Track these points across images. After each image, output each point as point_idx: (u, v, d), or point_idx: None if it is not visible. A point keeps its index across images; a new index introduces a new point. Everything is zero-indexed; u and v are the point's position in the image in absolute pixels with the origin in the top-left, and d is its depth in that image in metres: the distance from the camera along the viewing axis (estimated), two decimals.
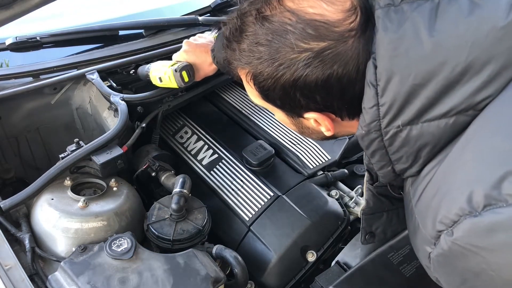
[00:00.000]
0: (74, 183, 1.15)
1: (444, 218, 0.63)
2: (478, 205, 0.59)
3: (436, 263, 0.67)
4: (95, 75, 1.39)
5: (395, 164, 0.75)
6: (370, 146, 0.75)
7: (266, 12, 0.73)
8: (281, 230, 1.15)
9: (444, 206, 0.64)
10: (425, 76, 0.67)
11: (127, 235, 1.01)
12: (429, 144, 0.70)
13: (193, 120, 1.49)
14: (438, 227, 0.64)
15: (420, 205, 0.71)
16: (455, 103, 0.67)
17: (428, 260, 0.69)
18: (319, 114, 0.78)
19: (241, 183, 1.26)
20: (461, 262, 0.64)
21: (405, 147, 0.71)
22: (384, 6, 0.69)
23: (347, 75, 0.71)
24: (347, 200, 1.24)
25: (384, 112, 0.70)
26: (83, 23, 1.68)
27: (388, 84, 0.68)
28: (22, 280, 0.91)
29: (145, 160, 1.29)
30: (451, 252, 0.63)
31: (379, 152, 0.75)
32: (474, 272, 0.63)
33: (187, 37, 1.58)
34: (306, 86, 0.72)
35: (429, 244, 0.67)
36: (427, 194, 0.70)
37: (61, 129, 1.47)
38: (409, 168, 0.74)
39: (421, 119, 0.69)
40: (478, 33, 0.65)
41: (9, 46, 1.47)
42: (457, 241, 0.62)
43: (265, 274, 1.12)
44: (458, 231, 0.61)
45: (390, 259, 1.06)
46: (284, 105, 0.80)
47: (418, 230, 0.71)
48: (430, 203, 0.68)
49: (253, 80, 0.77)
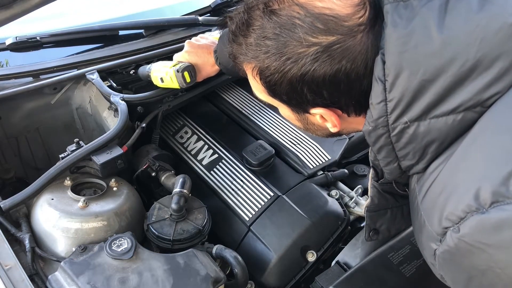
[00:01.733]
0: (74, 183, 1.15)
1: (450, 214, 0.63)
2: (485, 202, 0.59)
3: (441, 260, 0.67)
4: (95, 75, 1.39)
5: (402, 161, 0.75)
6: (377, 142, 0.74)
7: (274, 6, 0.72)
8: (281, 230, 1.15)
9: (451, 203, 0.64)
10: (434, 72, 0.66)
11: (127, 235, 1.01)
12: (436, 141, 0.69)
13: (193, 120, 1.49)
14: (444, 223, 0.64)
15: (426, 202, 0.71)
16: (464, 100, 0.66)
17: (434, 257, 0.68)
18: (325, 109, 0.77)
19: (241, 183, 1.26)
20: (468, 259, 0.63)
21: (412, 143, 0.71)
22: (393, 1, 0.69)
23: (355, 71, 0.71)
24: (347, 200, 1.24)
25: (392, 107, 0.69)
26: (83, 23, 1.68)
27: (397, 80, 0.68)
28: (22, 280, 0.91)
29: (145, 160, 1.29)
30: (458, 249, 0.63)
31: (386, 148, 0.74)
32: (481, 269, 0.62)
33: (187, 37, 1.59)
34: (313, 81, 0.72)
35: (435, 241, 0.67)
36: (433, 191, 0.70)
37: (61, 129, 1.47)
38: (415, 164, 0.73)
39: (429, 115, 0.68)
40: (488, 29, 0.65)
41: (9, 46, 1.47)
42: (464, 238, 0.61)
43: (265, 274, 1.12)
44: (464, 228, 0.61)
45: (390, 259, 1.06)
46: (290, 100, 0.79)
47: (424, 227, 0.70)
48: (436, 200, 0.67)
49: (260, 75, 0.76)
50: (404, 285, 1.03)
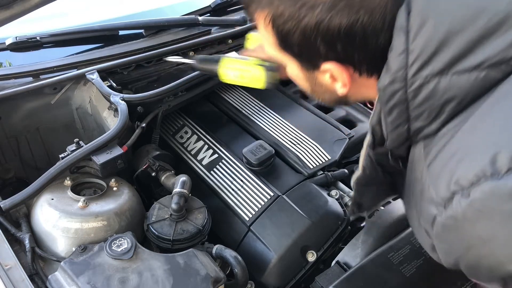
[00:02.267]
0: (74, 183, 1.15)
1: (461, 178, 0.61)
2: (502, 167, 0.57)
3: (440, 228, 0.65)
4: (95, 75, 1.39)
5: (413, 122, 0.71)
6: (391, 100, 0.70)
7: None
8: (281, 230, 1.15)
9: (463, 167, 0.61)
10: (460, 23, 0.64)
11: (127, 235, 1.01)
12: (455, 99, 0.66)
13: (193, 120, 1.49)
14: (453, 187, 0.61)
15: (434, 166, 0.68)
16: (489, 55, 0.63)
17: (431, 224, 0.66)
18: (337, 64, 0.75)
19: (241, 183, 1.26)
20: (472, 227, 0.61)
21: (430, 100, 0.67)
22: None
23: (373, 24, 0.68)
24: (347, 200, 1.24)
25: (413, 59, 0.67)
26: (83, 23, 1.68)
27: (421, 29, 0.66)
28: (22, 280, 0.91)
29: (145, 160, 1.29)
30: (464, 215, 0.61)
31: (399, 107, 0.70)
32: (484, 238, 0.61)
33: (187, 37, 1.59)
34: (328, 32, 0.69)
35: (437, 206, 0.64)
36: (445, 154, 0.67)
37: (61, 129, 1.47)
38: (427, 125, 0.70)
39: (452, 70, 0.65)
40: None
41: (9, 46, 1.47)
42: (474, 203, 0.59)
43: (265, 274, 1.12)
44: (475, 193, 0.59)
45: (390, 259, 1.06)
46: (301, 53, 0.76)
47: (427, 192, 0.67)
48: (447, 163, 0.65)
49: (272, 23, 0.74)
50: (404, 285, 1.03)
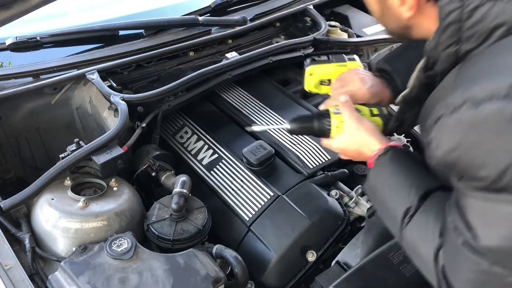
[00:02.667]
0: (74, 183, 1.15)
1: (477, 91, 0.64)
2: None
3: (442, 123, 0.69)
4: (95, 75, 1.39)
5: (463, 44, 0.75)
6: (448, 17, 0.74)
7: None
8: (281, 230, 1.15)
9: (483, 82, 0.65)
10: None
11: (127, 235, 1.01)
12: (505, 25, 0.70)
13: (193, 120, 1.49)
14: (466, 95, 0.65)
15: (461, 76, 0.73)
16: None
17: (436, 121, 0.70)
18: None
19: (241, 183, 1.26)
20: (466, 133, 0.65)
21: (481, 23, 0.71)
22: None
23: None
24: (347, 200, 1.24)
25: None
26: (84, 23, 1.68)
27: None
28: (22, 280, 0.92)
29: (145, 160, 1.29)
30: (466, 122, 0.65)
31: (453, 26, 0.74)
32: (471, 145, 0.65)
33: (187, 37, 1.59)
34: None
35: (448, 108, 0.68)
36: (474, 67, 0.71)
37: (61, 129, 1.47)
38: (475, 48, 0.74)
39: None
40: None
41: (9, 46, 1.47)
42: (479, 115, 0.63)
43: (265, 274, 1.12)
44: (484, 109, 0.62)
45: (390, 259, 1.06)
46: None
47: (443, 97, 0.71)
48: (471, 76, 0.69)
49: None
50: (404, 285, 1.03)
